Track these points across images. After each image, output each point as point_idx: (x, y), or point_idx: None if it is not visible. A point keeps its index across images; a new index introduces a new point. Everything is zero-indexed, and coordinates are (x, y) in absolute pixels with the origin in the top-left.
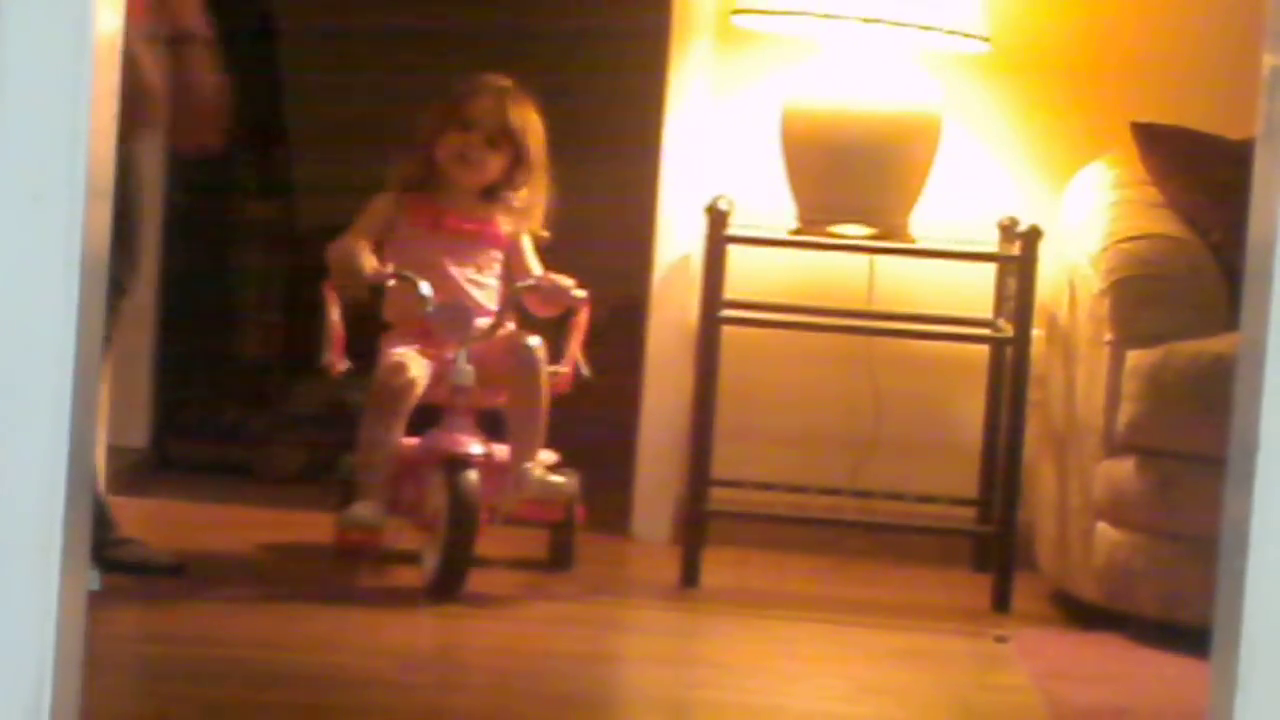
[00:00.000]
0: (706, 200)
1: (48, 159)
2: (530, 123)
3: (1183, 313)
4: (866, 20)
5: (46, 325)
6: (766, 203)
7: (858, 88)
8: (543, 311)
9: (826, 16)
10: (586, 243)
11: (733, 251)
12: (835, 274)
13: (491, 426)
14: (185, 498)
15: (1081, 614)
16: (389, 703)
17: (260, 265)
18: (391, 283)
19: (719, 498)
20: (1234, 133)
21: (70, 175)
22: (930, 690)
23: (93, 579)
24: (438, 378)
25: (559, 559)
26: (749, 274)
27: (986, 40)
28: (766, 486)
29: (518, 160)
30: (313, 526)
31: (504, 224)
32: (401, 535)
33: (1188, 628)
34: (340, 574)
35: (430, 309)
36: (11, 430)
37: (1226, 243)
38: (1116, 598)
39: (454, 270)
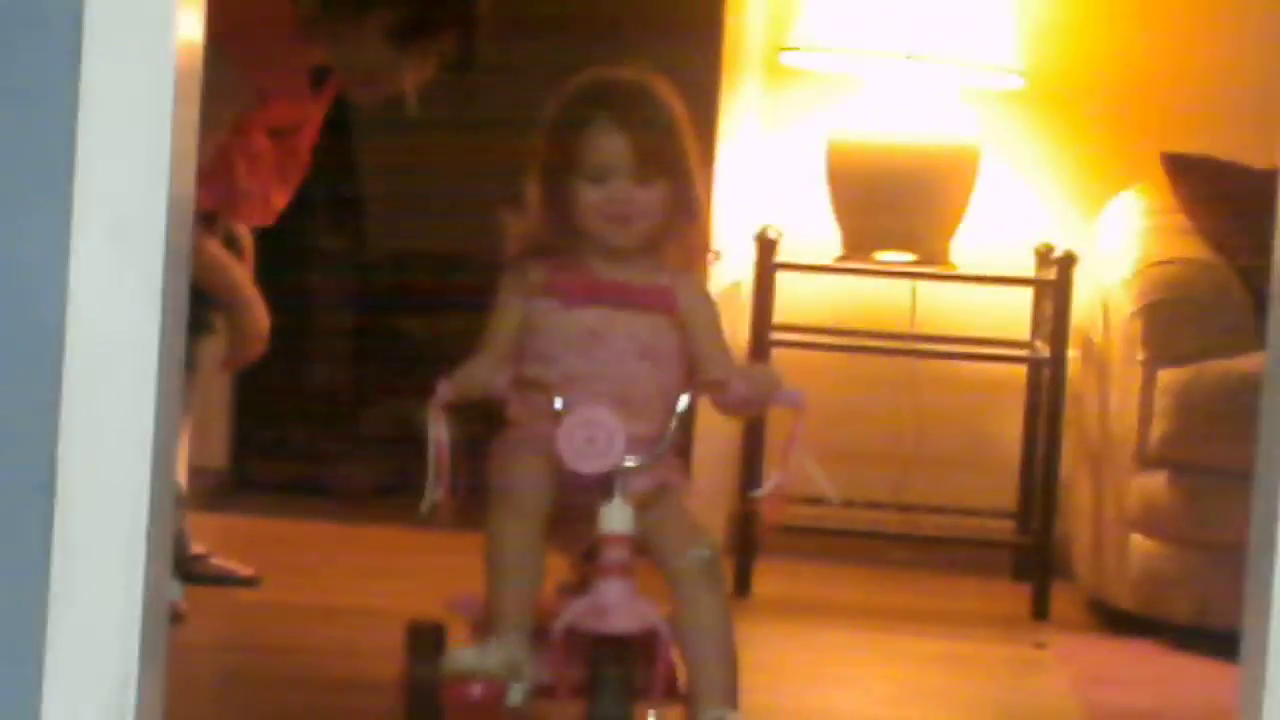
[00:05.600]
0: (756, 229)
1: (130, 183)
2: (677, 124)
3: (1212, 333)
4: (908, 57)
5: (130, 339)
6: (813, 231)
7: (900, 121)
8: (732, 413)
9: (870, 54)
10: None
11: (781, 278)
12: (879, 299)
13: None
14: (263, 515)
15: (1117, 621)
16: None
17: (332, 291)
18: (511, 397)
19: None
20: (1259, 162)
21: (152, 199)
22: (972, 694)
23: (174, 590)
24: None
25: None
26: (797, 299)
27: (1022, 75)
28: (815, 501)
29: (680, 182)
30: (385, 541)
31: (665, 275)
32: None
33: (1219, 633)
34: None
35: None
36: (99, 442)
37: (1253, 266)
38: (1150, 605)
39: (617, 351)
